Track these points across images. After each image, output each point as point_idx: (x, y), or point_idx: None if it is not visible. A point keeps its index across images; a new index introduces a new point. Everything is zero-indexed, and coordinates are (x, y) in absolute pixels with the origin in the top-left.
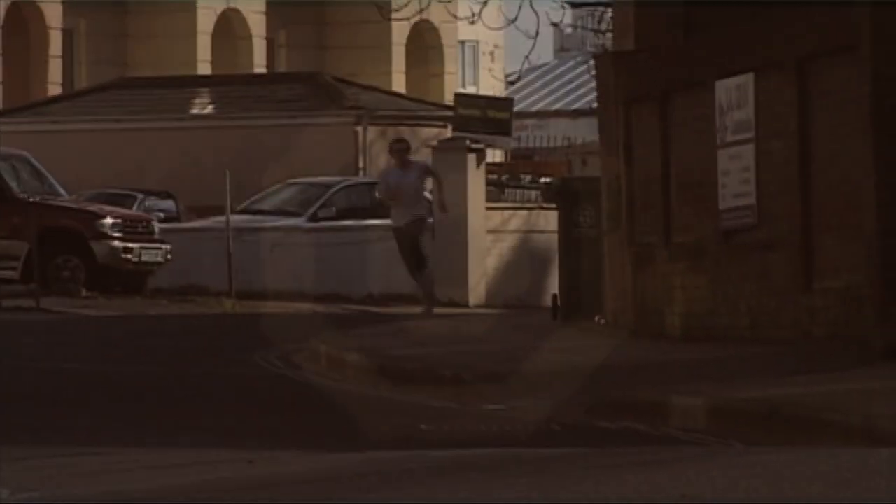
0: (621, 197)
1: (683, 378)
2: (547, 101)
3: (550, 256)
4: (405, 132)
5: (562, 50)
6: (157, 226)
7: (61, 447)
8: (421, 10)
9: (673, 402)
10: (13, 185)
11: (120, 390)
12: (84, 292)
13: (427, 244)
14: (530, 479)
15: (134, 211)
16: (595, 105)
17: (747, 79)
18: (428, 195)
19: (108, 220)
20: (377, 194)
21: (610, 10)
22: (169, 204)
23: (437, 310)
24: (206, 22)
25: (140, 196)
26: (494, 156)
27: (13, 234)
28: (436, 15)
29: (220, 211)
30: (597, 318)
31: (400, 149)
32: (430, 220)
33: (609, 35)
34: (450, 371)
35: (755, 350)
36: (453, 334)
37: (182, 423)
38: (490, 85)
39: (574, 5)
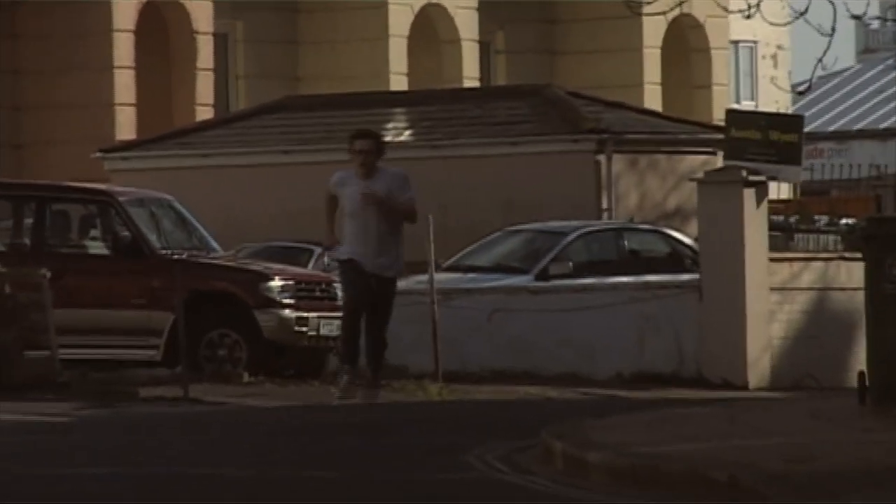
0: None
1: None
2: (847, 118)
3: (855, 321)
4: (661, 161)
5: (866, 51)
6: (339, 289)
7: None
8: (681, 2)
9: None
10: (152, 238)
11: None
12: (246, 377)
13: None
14: None
15: (310, 270)
16: None
17: None
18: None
19: (277, 283)
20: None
21: None
22: None
23: (708, 393)
24: (400, 23)
25: (317, 250)
26: (779, 191)
27: (153, 302)
28: (700, 8)
29: (420, 268)
30: None
31: (365, 149)
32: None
33: None
34: (724, 473)
35: None
36: (728, 425)
37: None
38: (772, 98)
39: None
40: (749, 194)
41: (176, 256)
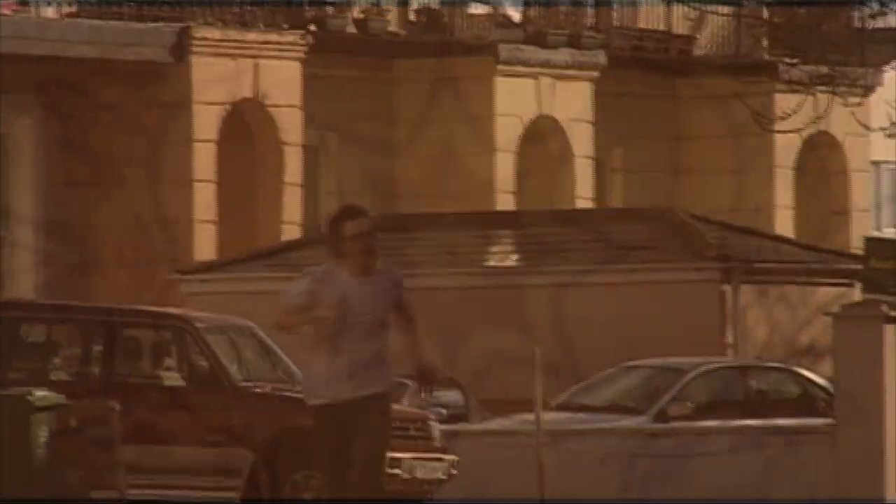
0: None
1: None
2: None
3: None
4: (793, 293)
5: None
6: (437, 427)
7: None
8: (817, 119)
9: None
10: (232, 369)
11: None
12: None
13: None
14: None
15: (404, 406)
16: None
17: None
18: None
19: None
20: (285, 307)
21: None
22: (453, 396)
23: None
24: (508, 136)
25: (410, 385)
26: None
27: (231, 439)
28: (838, 125)
29: (525, 406)
30: None
31: (365, 234)
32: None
33: None
34: None
35: None
36: None
37: None
38: None
39: None
40: (891, 331)
41: (258, 390)
